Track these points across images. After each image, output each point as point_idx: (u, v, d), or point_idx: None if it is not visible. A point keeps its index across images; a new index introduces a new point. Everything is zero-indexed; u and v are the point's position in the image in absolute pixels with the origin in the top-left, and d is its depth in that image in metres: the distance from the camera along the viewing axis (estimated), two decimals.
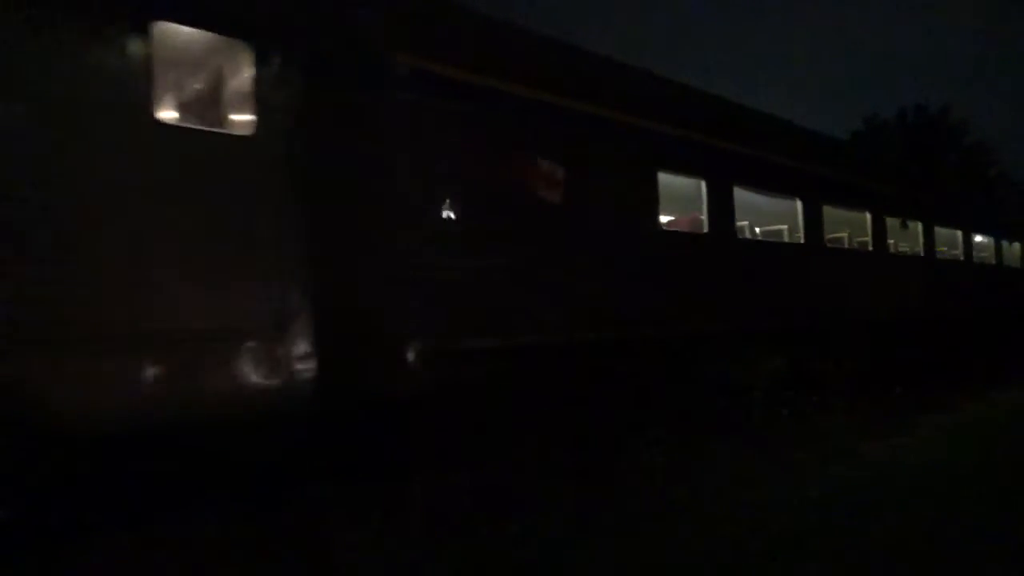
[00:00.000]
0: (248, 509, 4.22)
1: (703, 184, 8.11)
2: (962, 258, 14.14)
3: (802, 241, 9.67)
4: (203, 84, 4.92)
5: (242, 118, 4.75)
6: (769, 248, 10.01)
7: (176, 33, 4.42)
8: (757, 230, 10.15)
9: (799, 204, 9.64)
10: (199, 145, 4.53)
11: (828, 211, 10.04)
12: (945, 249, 13.60)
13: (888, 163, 19.54)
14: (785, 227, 10.03)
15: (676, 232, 8.36)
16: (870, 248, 11.18)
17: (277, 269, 4.65)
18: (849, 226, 11.37)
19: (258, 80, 4.66)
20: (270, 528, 4.13)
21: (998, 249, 15.71)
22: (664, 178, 7.53)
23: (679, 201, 8.20)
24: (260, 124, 4.65)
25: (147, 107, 4.22)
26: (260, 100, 4.66)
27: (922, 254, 12.65)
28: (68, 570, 3.64)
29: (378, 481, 4.78)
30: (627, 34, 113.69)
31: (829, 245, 10.64)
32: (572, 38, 6.68)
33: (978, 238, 15.05)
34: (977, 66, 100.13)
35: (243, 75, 4.72)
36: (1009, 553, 4.06)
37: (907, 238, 12.48)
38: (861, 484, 5.66)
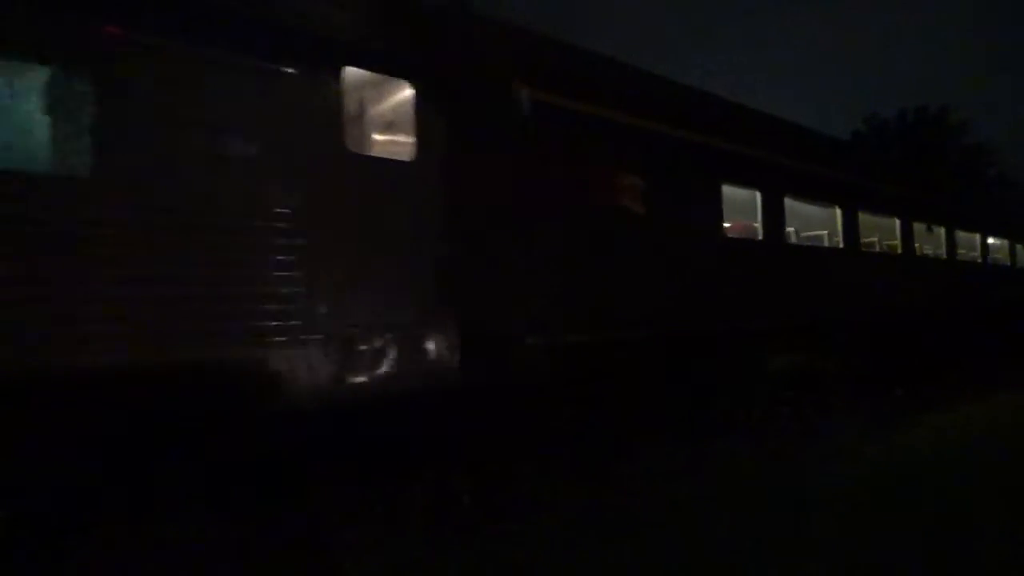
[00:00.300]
0: (248, 509, 4.30)
1: (758, 195, 8.98)
2: (979, 260, 15.07)
3: (841, 245, 10.56)
4: (378, 118, 5.74)
5: (405, 146, 5.59)
6: (813, 252, 10.87)
7: (358, 76, 5.27)
8: (800, 235, 11.01)
9: (838, 212, 10.52)
10: (375, 171, 5.36)
11: (862, 217, 10.93)
12: (964, 251, 14.51)
13: (915, 170, 20.41)
14: (825, 232, 10.90)
15: (737, 239, 9.21)
16: (899, 251, 12.09)
17: (432, 273, 5.49)
18: (879, 231, 12.25)
19: (417, 113, 5.51)
20: (271, 528, 4.22)
21: (1012, 251, 16.66)
22: (727, 190, 8.39)
23: (738, 210, 9.06)
24: (418, 151, 5.49)
25: (341, 140, 5.07)
26: (419, 130, 5.50)
27: (944, 256, 13.56)
28: (68, 570, 3.67)
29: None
30: (627, 34, 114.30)
31: (864, 249, 11.52)
32: (572, 38, 7.34)
33: (991, 240, 15.96)
34: (977, 66, 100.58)
35: (406, 109, 5.57)
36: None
37: (931, 241, 13.38)
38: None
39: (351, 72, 5.17)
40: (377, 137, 5.66)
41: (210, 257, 4.31)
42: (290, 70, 4.79)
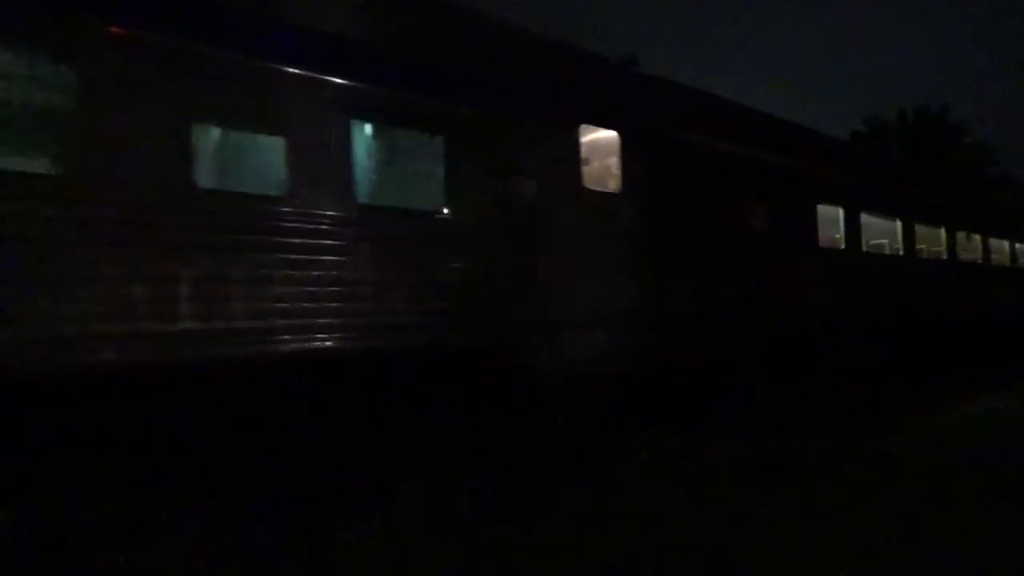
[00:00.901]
0: (248, 509, 4.42)
1: (840, 211, 10.70)
2: (1008, 263, 16.89)
3: (900, 253, 12.32)
4: (596, 160, 7.41)
5: (614, 181, 7.28)
6: (881, 259, 12.58)
7: (587, 129, 6.97)
8: (868, 243, 12.77)
9: (899, 224, 12.27)
10: (597, 201, 7.05)
11: (916, 227, 12.69)
12: (996, 256, 16.31)
13: (954, 184, 22.10)
14: (886, 241, 12.64)
15: (826, 248, 10.93)
16: (945, 257, 13.87)
17: (627, 276, 7.17)
18: (928, 239, 14.00)
19: (621, 156, 7.19)
20: (271, 528, 4.31)
21: None
22: (820, 209, 10.12)
23: (825, 225, 10.78)
24: (622, 185, 7.18)
25: (580, 178, 6.77)
26: (623, 169, 7.19)
27: (980, 261, 15.35)
28: (68, 570, 3.73)
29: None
30: (626, 34, 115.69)
31: (919, 256, 13.29)
32: (571, 37, 8.14)
33: (1019, 245, 17.78)
34: (977, 66, 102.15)
35: (614, 153, 7.25)
36: None
37: (968, 247, 15.16)
38: None
39: (584, 127, 6.88)
40: (596, 175, 7.32)
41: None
42: (558, 130, 6.52)
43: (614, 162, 7.26)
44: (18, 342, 3.75)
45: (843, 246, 10.75)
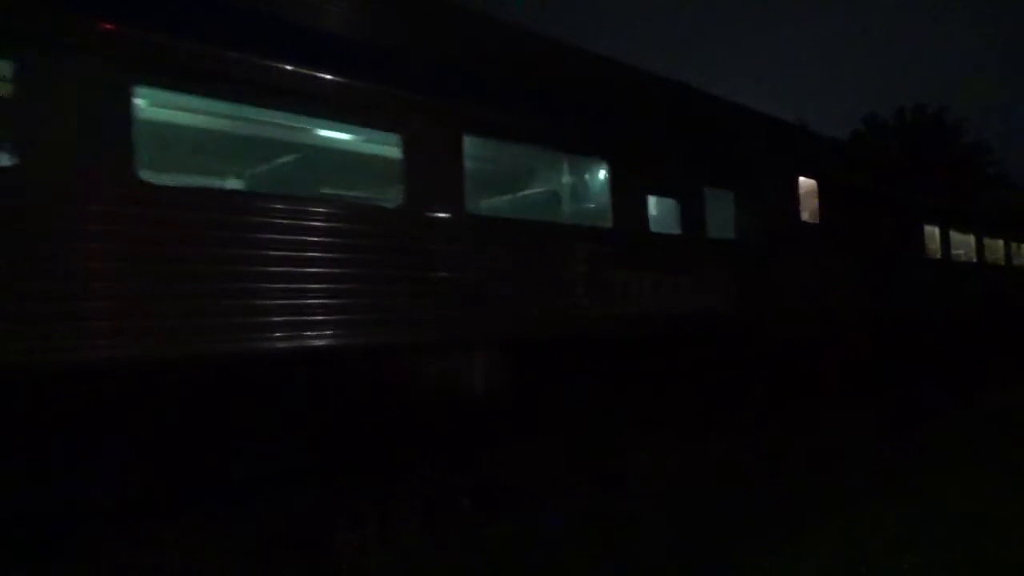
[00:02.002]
0: (247, 508, 4.45)
1: (936, 229, 13.31)
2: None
3: (974, 261, 14.99)
4: (806, 200, 9.91)
5: (814, 215, 9.73)
6: (963, 267, 15.25)
7: (802, 181, 9.44)
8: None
9: (973, 239, 14.93)
10: (810, 230, 9.57)
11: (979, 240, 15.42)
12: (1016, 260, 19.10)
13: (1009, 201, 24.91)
14: (962, 251, 15.29)
15: (928, 259, 13.51)
16: (1002, 263, 16.60)
17: (817, 282, 9.67)
18: (992, 250, 16.69)
19: (818, 196, 9.69)
20: (270, 528, 4.33)
21: None
22: (925, 228, 12.74)
23: (928, 239, 13.41)
24: (819, 217, 9.67)
25: (799, 213, 9.25)
26: (819, 206, 9.70)
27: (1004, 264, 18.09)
28: (68, 570, 3.74)
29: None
30: (626, 33, 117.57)
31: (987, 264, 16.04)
32: (572, 37, 9.22)
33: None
34: (977, 66, 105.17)
35: (814, 194, 9.70)
36: None
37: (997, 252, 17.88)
38: None
39: (800, 179, 9.39)
40: (806, 211, 9.78)
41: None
42: (787, 181, 9.00)
43: (814, 202, 9.78)
44: None
45: (939, 256, 13.37)
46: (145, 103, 4.48)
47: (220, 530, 4.14)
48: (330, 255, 4.79)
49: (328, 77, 4.92)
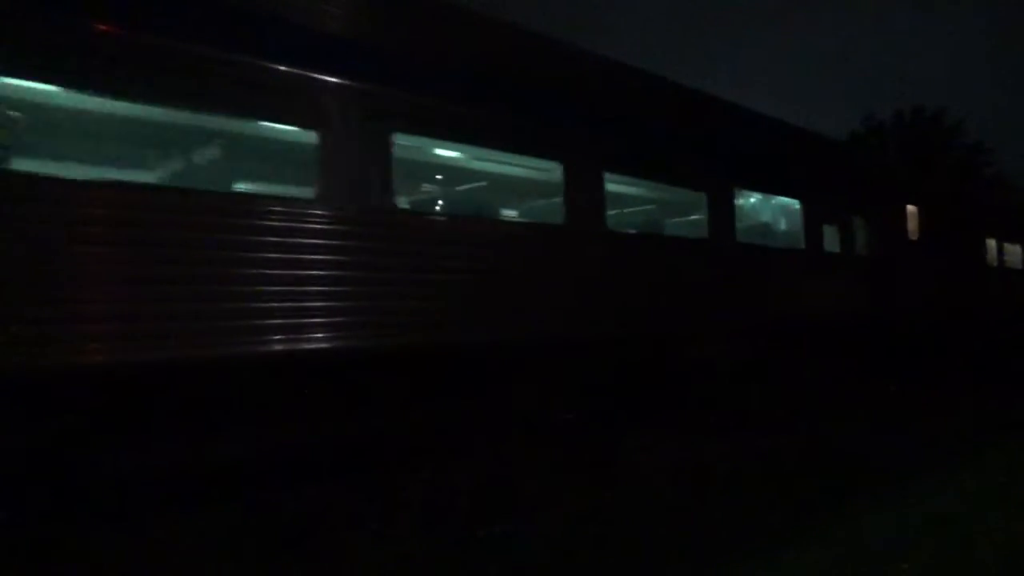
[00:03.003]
0: (246, 507, 4.51)
1: (993, 241, 16.14)
2: None
3: (1019, 268, 17.78)
4: (912, 220, 12.54)
5: (915, 232, 12.41)
6: (1008, 272, 17.96)
7: (908, 207, 12.14)
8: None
9: (1019, 247, 17.68)
10: (915, 245, 12.23)
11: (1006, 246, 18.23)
12: None
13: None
14: (1010, 258, 18.07)
15: (988, 266, 16.21)
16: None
17: (917, 285, 12.36)
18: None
19: (918, 217, 12.37)
20: (269, 527, 4.36)
21: None
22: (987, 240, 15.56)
23: (988, 250, 16.16)
24: (918, 233, 12.37)
25: (907, 231, 11.96)
26: (919, 225, 12.39)
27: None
28: (67, 570, 3.80)
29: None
30: (625, 33, 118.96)
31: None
32: (571, 37, 9.75)
33: None
34: (976, 66, 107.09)
35: (915, 215, 12.42)
36: None
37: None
38: None
39: (907, 206, 12.07)
40: (911, 231, 12.43)
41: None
42: (897, 207, 11.68)
43: (915, 223, 12.46)
44: None
45: (996, 264, 16.18)
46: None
47: (220, 530, 4.23)
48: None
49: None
